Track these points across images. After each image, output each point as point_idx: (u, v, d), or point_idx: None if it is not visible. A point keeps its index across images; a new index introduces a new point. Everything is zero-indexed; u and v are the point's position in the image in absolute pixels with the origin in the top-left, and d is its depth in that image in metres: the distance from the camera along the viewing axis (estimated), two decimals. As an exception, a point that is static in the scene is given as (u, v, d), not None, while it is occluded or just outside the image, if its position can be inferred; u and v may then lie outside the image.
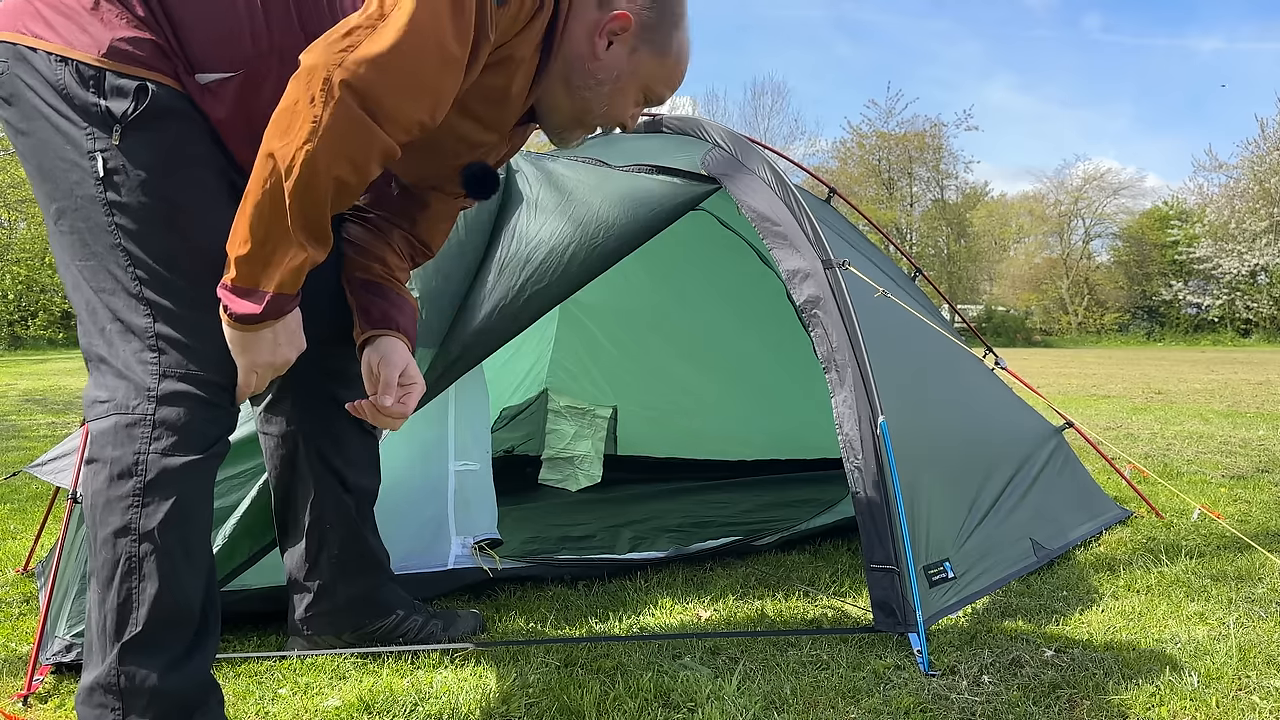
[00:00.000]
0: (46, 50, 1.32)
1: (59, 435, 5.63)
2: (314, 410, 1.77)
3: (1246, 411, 7.21)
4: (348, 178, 1.28)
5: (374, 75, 1.24)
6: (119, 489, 1.33)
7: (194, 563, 1.38)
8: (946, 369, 2.73)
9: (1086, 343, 32.33)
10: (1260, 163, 30.87)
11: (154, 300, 1.35)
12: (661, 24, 1.50)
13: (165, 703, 1.34)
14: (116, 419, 1.34)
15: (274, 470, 1.82)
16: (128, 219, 1.34)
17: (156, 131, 1.34)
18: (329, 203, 1.28)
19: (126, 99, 1.32)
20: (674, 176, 2.43)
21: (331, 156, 1.25)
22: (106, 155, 1.33)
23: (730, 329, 4.13)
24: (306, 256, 1.29)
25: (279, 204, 1.25)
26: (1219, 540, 2.80)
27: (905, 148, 37.33)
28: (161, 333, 1.35)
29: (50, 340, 22.61)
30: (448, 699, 1.69)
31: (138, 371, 1.34)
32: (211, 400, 1.38)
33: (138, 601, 1.33)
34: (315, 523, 1.82)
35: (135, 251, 1.34)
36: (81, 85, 1.32)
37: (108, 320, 1.36)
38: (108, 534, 1.33)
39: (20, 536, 3.03)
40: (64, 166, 1.34)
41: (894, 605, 1.92)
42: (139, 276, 1.34)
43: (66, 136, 1.34)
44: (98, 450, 1.35)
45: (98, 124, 1.32)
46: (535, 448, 4.25)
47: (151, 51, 1.34)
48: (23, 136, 1.37)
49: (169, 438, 1.34)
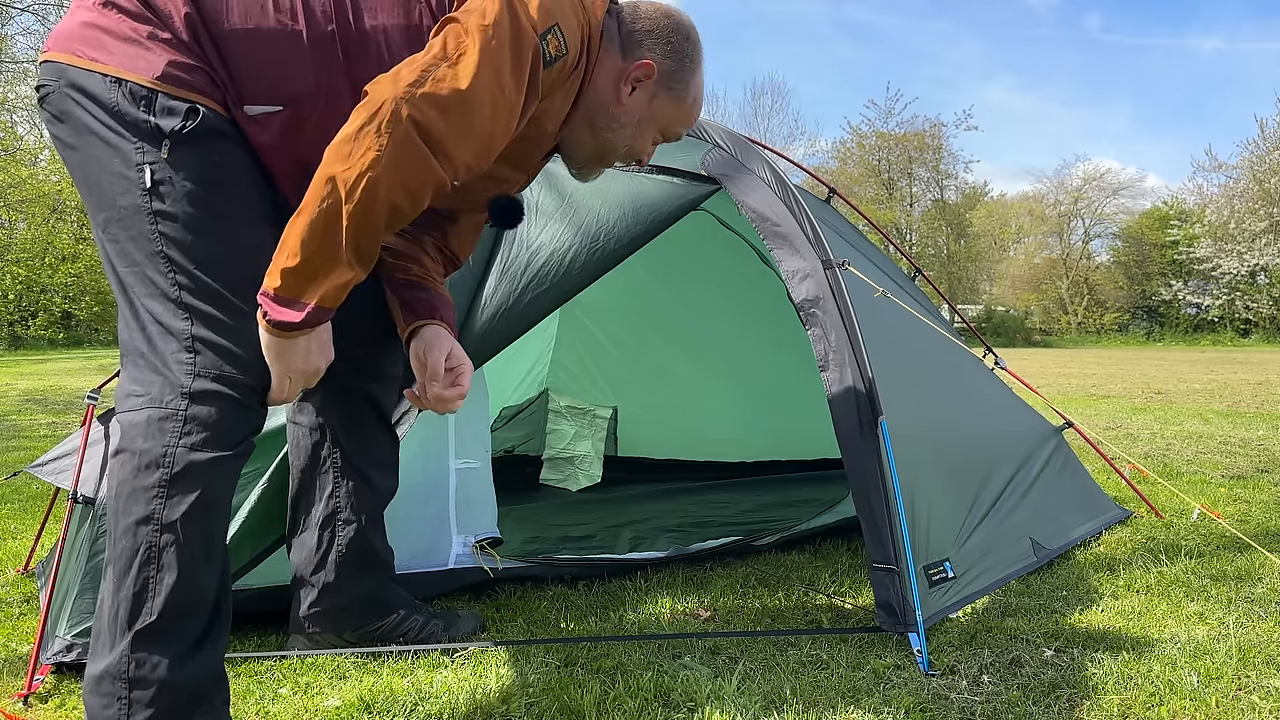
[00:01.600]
0: (102, 73, 1.39)
1: (59, 435, 5.63)
2: (344, 406, 1.83)
3: (1246, 411, 7.21)
4: (403, 205, 1.35)
5: (438, 114, 1.33)
6: (145, 479, 1.36)
7: (211, 557, 1.41)
8: (946, 369, 2.73)
9: (1086, 343, 32.33)
10: (1260, 163, 30.86)
11: (192, 305, 1.40)
12: (680, 71, 1.63)
13: (173, 694, 1.35)
14: (150, 412, 1.38)
15: (297, 460, 1.86)
16: (171, 227, 1.40)
17: (204, 148, 1.41)
18: (383, 227, 1.35)
19: (177, 118, 1.39)
20: (674, 177, 2.43)
21: (391, 184, 1.32)
22: (155, 168, 1.40)
23: (730, 329, 4.13)
24: (353, 276, 1.35)
25: (335, 224, 1.31)
26: (1219, 540, 2.80)
27: (905, 148, 37.33)
28: (198, 335, 1.40)
29: (50, 340, 22.60)
30: (448, 699, 1.69)
31: (174, 369, 1.39)
32: (242, 401, 1.42)
33: (154, 591, 1.35)
34: (327, 519, 1.85)
35: (177, 258, 1.40)
36: (133, 104, 1.39)
37: (150, 322, 1.41)
38: (130, 523, 1.36)
39: (20, 536, 3.03)
40: (110, 179, 1.41)
41: (894, 605, 1.93)
42: (179, 282, 1.40)
43: (116, 150, 1.40)
44: (127, 442, 1.39)
45: (147, 139, 1.40)
46: (535, 448, 4.25)
47: (202, 79, 1.42)
48: (72, 151, 1.44)
49: (199, 433, 1.38)
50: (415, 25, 1.47)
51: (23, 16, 18.36)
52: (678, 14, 1.64)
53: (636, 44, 1.60)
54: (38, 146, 23.91)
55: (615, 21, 1.60)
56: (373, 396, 1.84)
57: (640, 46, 1.60)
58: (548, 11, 1.43)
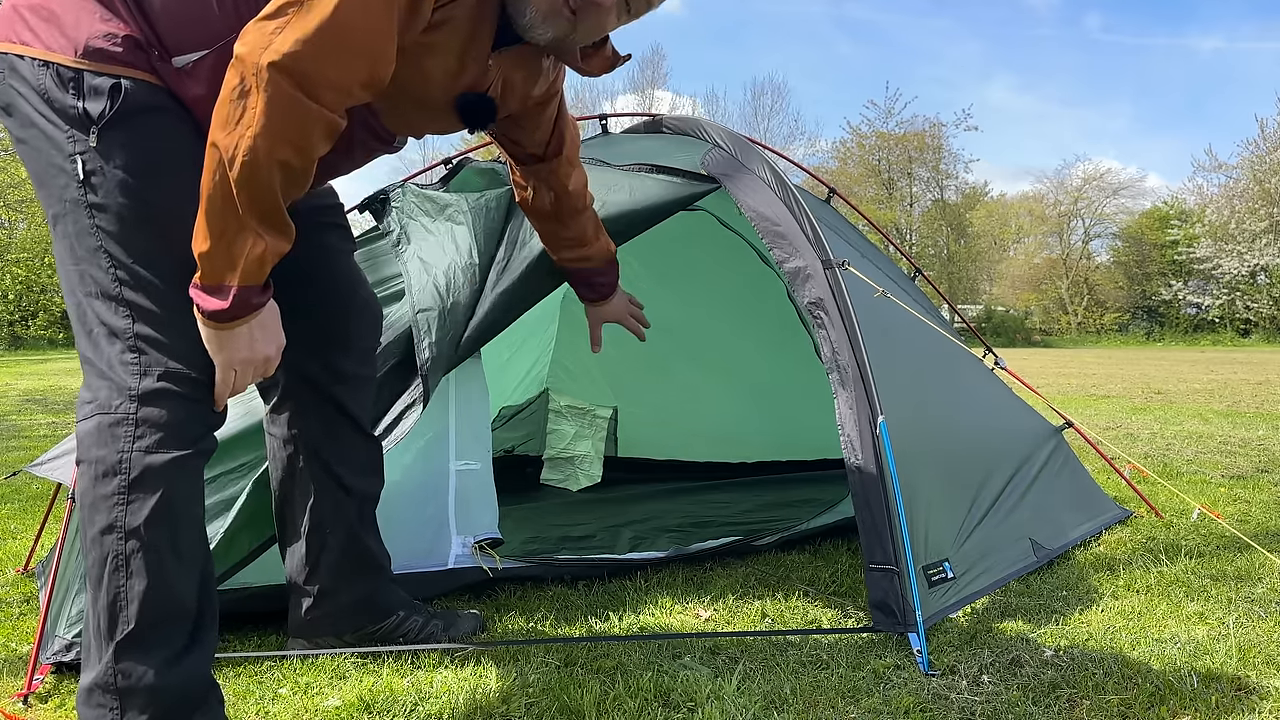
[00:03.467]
0: (31, 56, 1.34)
1: (59, 435, 5.63)
2: (315, 413, 1.78)
3: (1246, 411, 7.21)
4: (291, 160, 1.29)
5: (302, 50, 1.25)
6: (104, 488, 1.34)
7: (185, 559, 1.38)
8: (946, 369, 2.73)
9: (1086, 343, 32.32)
10: (1260, 163, 30.84)
11: (133, 301, 1.36)
12: None
13: (163, 700, 1.34)
14: (100, 419, 1.35)
15: (275, 472, 1.83)
16: (107, 220, 1.35)
17: (132, 130, 1.35)
18: (277, 189, 1.29)
19: (102, 98, 1.33)
20: (674, 176, 2.43)
21: (271, 142, 1.26)
22: (85, 157, 1.34)
23: (730, 329, 4.13)
24: (266, 246, 1.29)
25: (228, 196, 1.26)
26: (1219, 540, 2.80)
27: (905, 148, 37.31)
28: (140, 333, 1.35)
29: (50, 340, 22.61)
30: (448, 699, 1.69)
31: (119, 372, 1.35)
32: (193, 397, 1.38)
33: (127, 599, 1.33)
34: (315, 527, 1.82)
35: (115, 252, 1.35)
36: (61, 88, 1.33)
37: (94, 323, 1.37)
38: (95, 533, 1.34)
39: (20, 536, 3.03)
40: (53, 172, 1.36)
41: (893, 605, 1.92)
42: (119, 278, 1.35)
43: (52, 141, 1.35)
44: (84, 451, 1.36)
45: (77, 126, 1.34)
46: (535, 448, 4.25)
47: (128, 46, 1.35)
48: (21, 145, 1.40)
49: (152, 435, 1.35)
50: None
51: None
52: None
53: None
54: (38, 146, 23.84)
55: None
56: (339, 401, 1.78)
57: None
58: None
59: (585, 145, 3.01)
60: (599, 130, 3.21)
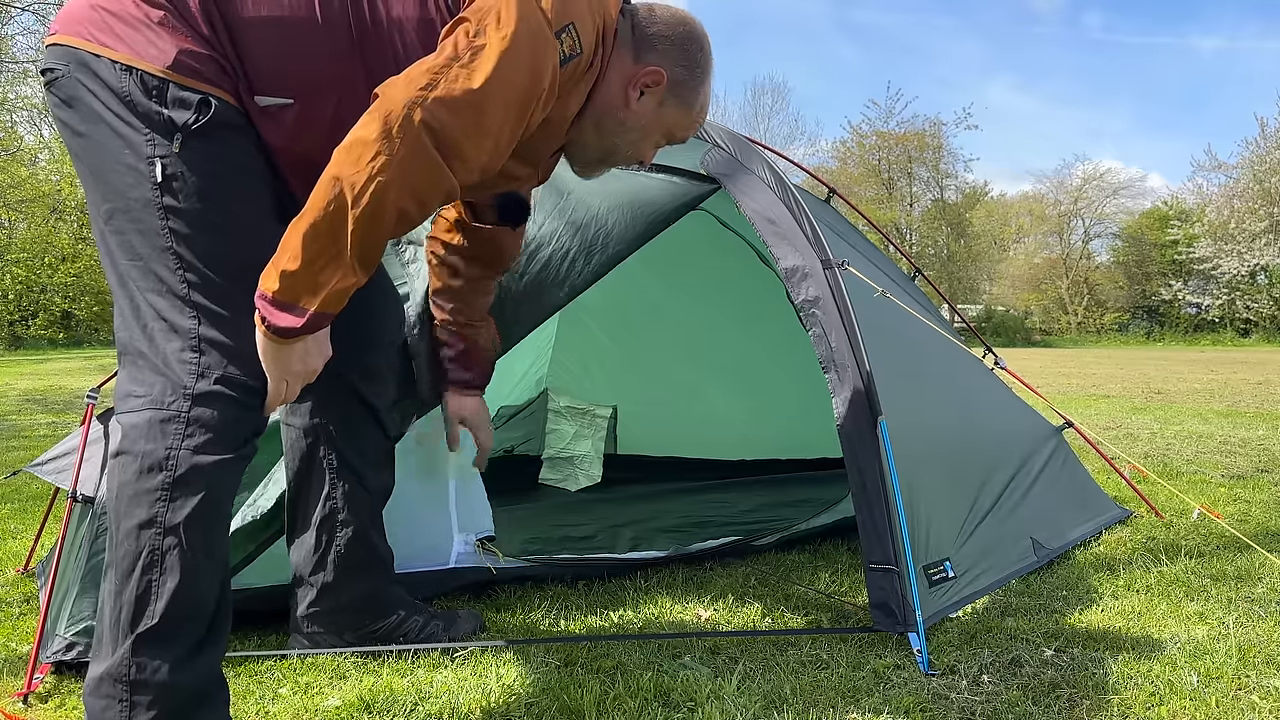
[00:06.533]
0: (112, 59, 1.37)
1: (59, 435, 5.63)
2: (338, 405, 1.81)
3: (1246, 411, 7.21)
4: (411, 211, 1.34)
5: (450, 117, 1.31)
6: (148, 482, 1.35)
7: (213, 560, 1.40)
8: (946, 369, 2.73)
9: (1086, 343, 32.33)
10: (1260, 162, 30.85)
11: (200, 303, 1.39)
12: (691, 80, 1.61)
13: (174, 697, 1.35)
14: (151, 413, 1.37)
15: (291, 462, 1.85)
16: (181, 223, 1.38)
17: (215, 142, 1.40)
18: (389, 233, 1.34)
19: (189, 110, 1.37)
20: (674, 176, 2.43)
21: (400, 190, 1.30)
22: (166, 161, 1.37)
23: (730, 329, 4.13)
24: (355, 281, 1.34)
25: (340, 228, 1.29)
26: (1219, 540, 2.80)
27: (905, 147, 37.33)
28: (205, 335, 1.38)
29: (50, 340, 22.62)
30: (448, 699, 1.69)
31: (176, 369, 1.37)
32: (245, 403, 1.41)
33: (157, 594, 1.34)
34: (326, 518, 1.84)
35: (186, 255, 1.38)
36: (145, 94, 1.36)
37: (152, 319, 1.39)
38: (132, 526, 1.35)
39: (20, 536, 3.03)
40: (119, 170, 1.38)
41: (893, 605, 1.92)
42: (188, 279, 1.38)
43: (126, 141, 1.38)
44: (129, 444, 1.37)
45: (159, 131, 1.37)
46: (535, 448, 4.25)
47: (214, 69, 1.40)
48: (79, 138, 1.42)
49: (202, 435, 1.37)
50: (430, 19, 1.45)
51: (23, 16, 18.37)
52: (693, 22, 1.62)
53: (650, 48, 1.57)
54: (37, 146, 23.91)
55: (629, 22, 1.58)
56: (362, 394, 1.82)
57: (654, 51, 1.57)
58: (564, 10, 1.41)
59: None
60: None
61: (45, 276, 22.57)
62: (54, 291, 22.87)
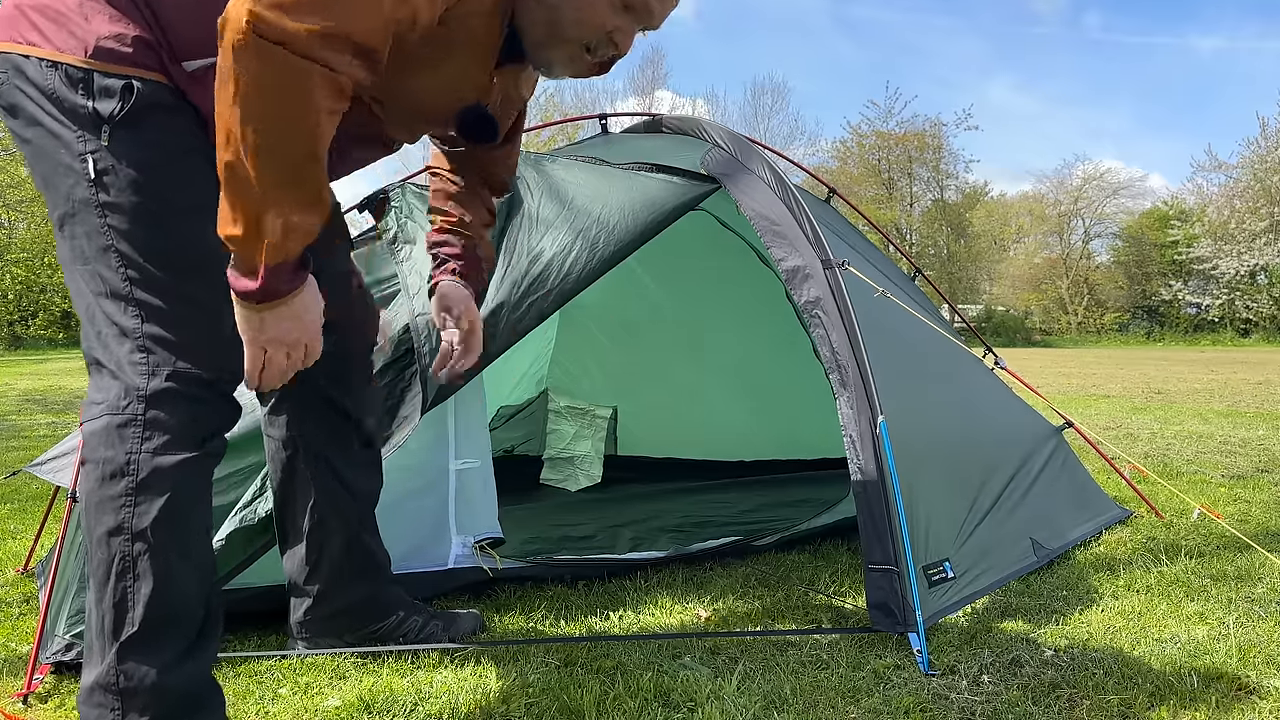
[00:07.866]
0: (38, 57, 1.33)
1: (59, 435, 5.63)
2: (314, 414, 1.77)
3: (1246, 411, 7.21)
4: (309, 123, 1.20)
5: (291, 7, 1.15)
6: (111, 489, 1.33)
7: (191, 561, 1.38)
8: (946, 369, 2.73)
9: (1086, 343, 32.32)
10: (1261, 162, 30.83)
11: (143, 300, 1.35)
12: None
13: (165, 702, 1.34)
14: (108, 419, 1.34)
15: (275, 473, 1.82)
16: (119, 219, 1.34)
17: (147, 129, 1.34)
18: (303, 153, 1.21)
19: (114, 99, 1.32)
20: (674, 176, 2.43)
21: (278, 108, 1.17)
22: (97, 157, 1.33)
23: (730, 329, 4.13)
24: (300, 221, 1.23)
25: (244, 176, 1.18)
26: (1219, 540, 2.80)
27: (905, 147, 37.32)
28: (149, 332, 1.35)
29: (50, 340, 22.63)
30: (448, 699, 1.69)
31: (129, 372, 1.35)
32: (201, 398, 1.38)
33: (133, 600, 1.33)
34: (315, 527, 1.82)
35: (126, 251, 1.34)
36: (70, 88, 1.32)
37: (104, 324, 1.36)
38: (101, 534, 1.33)
39: (20, 536, 3.03)
40: (61, 172, 1.35)
41: (893, 605, 1.92)
42: (129, 277, 1.35)
43: (61, 141, 1.34)
44: (90, 451, 1.35)
45: (87, 126, 1.33)
46: (535, 448, 4.25)
47: (137, 46, 1.34)
48: (26, 145, 1.39)
49: (160, 437, 1.34)
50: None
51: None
52: None
53: None
54: (38, 146, 23.84)
55: None
56: (336, 400, 1.77)
57: None
58: None
59: (585, 145, 3.02)
60: (599, 130, 3.21)
61: (45, 276, 22.55)
62: (54, 291, 22.86)
